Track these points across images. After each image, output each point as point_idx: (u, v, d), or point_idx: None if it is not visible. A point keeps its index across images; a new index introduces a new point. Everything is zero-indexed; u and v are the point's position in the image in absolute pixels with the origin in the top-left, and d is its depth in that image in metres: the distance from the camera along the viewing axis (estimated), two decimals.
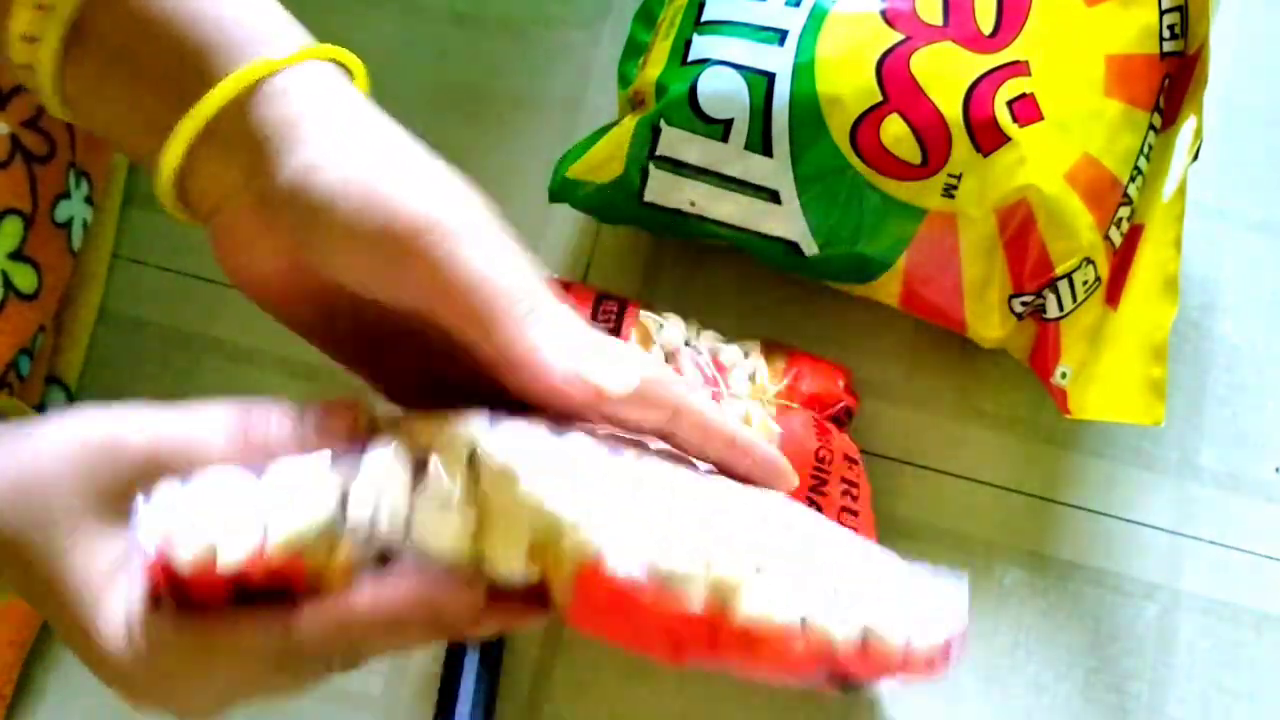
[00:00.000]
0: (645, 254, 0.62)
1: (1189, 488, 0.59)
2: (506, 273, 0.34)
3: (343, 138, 0.36)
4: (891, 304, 0.57)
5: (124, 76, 0.37)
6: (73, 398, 0.59)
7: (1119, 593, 0.57)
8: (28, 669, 0.56)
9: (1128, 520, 0.58)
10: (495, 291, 0.34)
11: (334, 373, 0.60)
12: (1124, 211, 0.53)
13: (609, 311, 0.54)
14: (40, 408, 0.57)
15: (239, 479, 0.34)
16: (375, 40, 0.65)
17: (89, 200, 0.59)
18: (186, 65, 0.36)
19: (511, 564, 0.34)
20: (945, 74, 0.51)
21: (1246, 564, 0.58)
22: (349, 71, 0.39)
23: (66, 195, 0.57)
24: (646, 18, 0.60)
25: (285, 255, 0.36)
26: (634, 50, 0.59)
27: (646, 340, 0.53)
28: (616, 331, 0.54)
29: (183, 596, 0.34)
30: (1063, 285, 0.52)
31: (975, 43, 0.52)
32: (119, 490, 0.34)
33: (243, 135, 0.36)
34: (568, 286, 0.56)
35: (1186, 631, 0.57)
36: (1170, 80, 0.55)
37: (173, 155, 0.36)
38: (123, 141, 0.39)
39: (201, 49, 0.36)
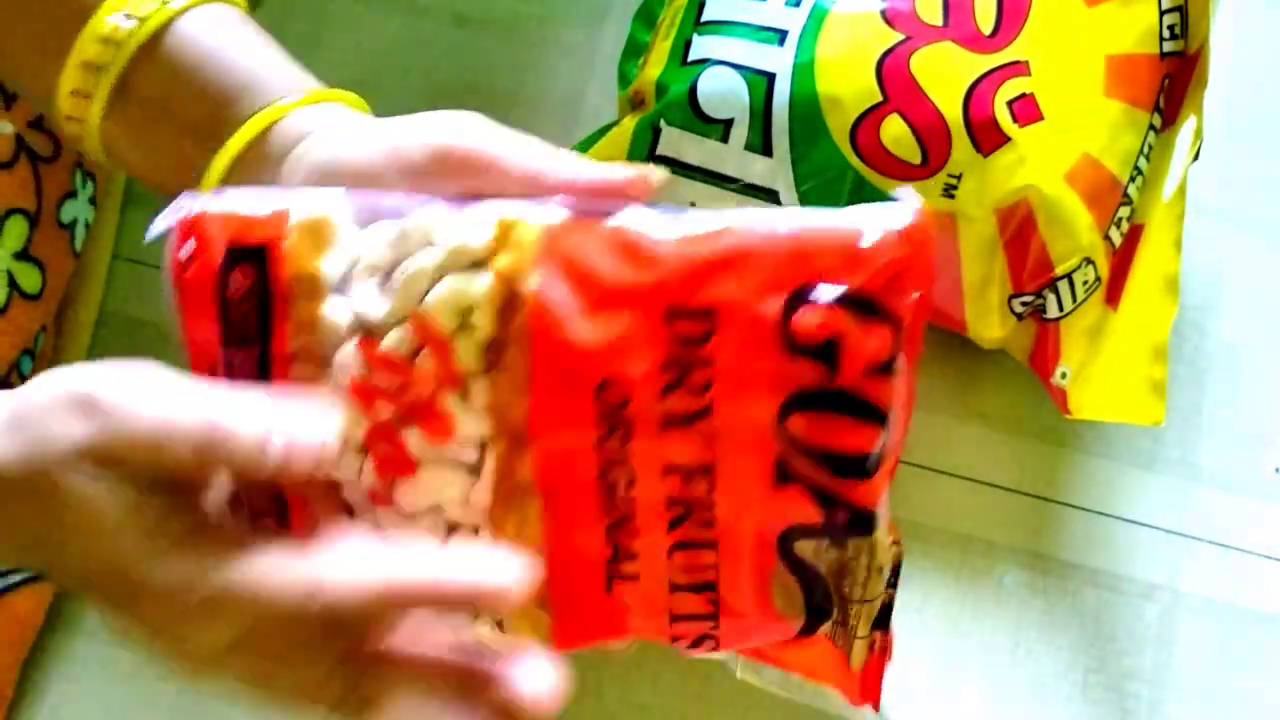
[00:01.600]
0: None
1: (1189, 488, 0.59)
2: (525, 141, 0.38)
3: (355, 133, 0.40)
4: None
5: (163, 125, 0.42)
6: None
7: (1119, 593, 0.57)
8: (28, 669, 0.56)
9: (1128, 520, 0.58)
10: (531, 148, 0.38)
11: None
12: (1124, 211, 0.53)
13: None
14: None
15: None
16: (376, 40, 0.65)
17: (93, 201, 0.59)
18: (218, 112, 0.41)
19: None
20: (945, 74, 0.51)
21: (1246, 564, 0.58)
22: (351, 107, 0.44)
23: (73, 195, 0.57)
24: (646, 18, 0.60)
25: None
26: (634, 50, 0.59)
27: None
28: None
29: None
30: (1063, 285, 0.52)
31: (975, 43, 0.52)
32: None
33: (265, 159, 0.41)
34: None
35: (1186, 631, 0.57)
36: (1170, 80, 0.55)
37: (208, 188, 0.41)
38: (158, 180, 0.43)
39: (229, 97, 0.41)
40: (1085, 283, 0.52)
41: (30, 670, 0.56)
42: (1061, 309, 0.53)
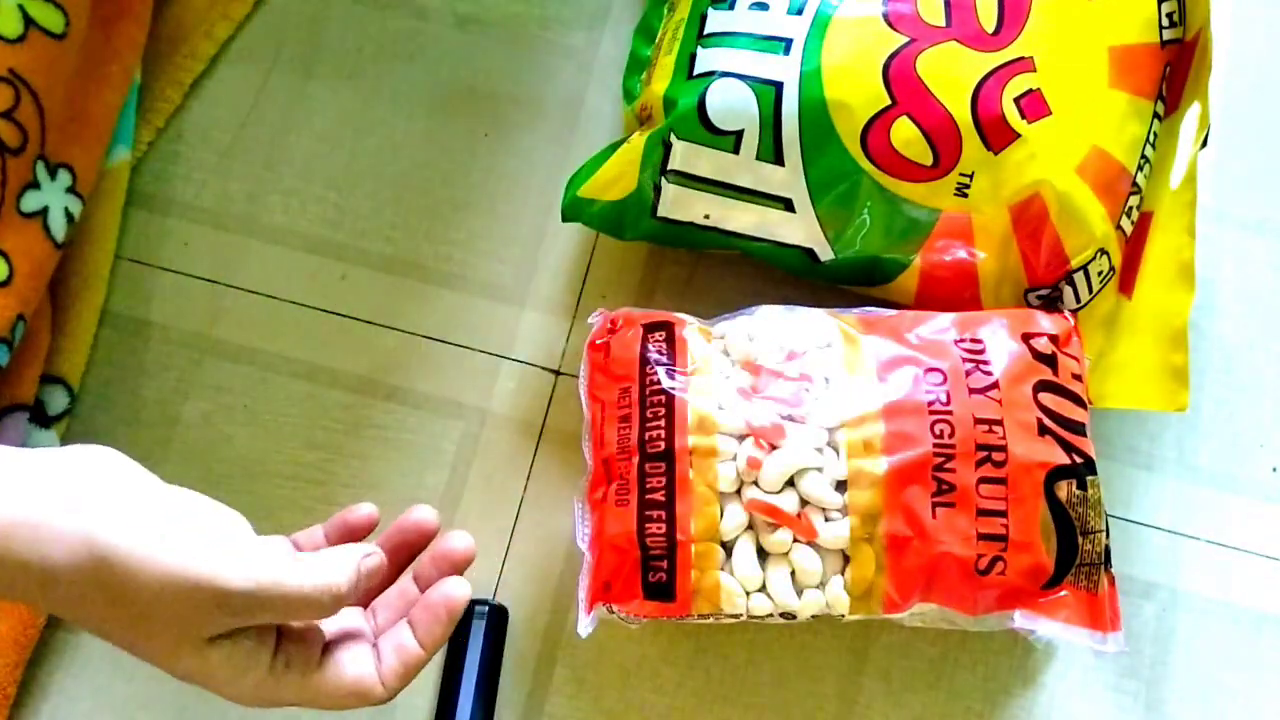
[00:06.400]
0: (644, 256, 0.61)
1: (1187, 487, 0.59)
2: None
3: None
4: (907, 303, 0.56)
5: None
6: (75, 397, 0.58)
7: (1118, 592, 0.57)
8: (31, 668, 0.55)
9: (1127, 520, 0.58)
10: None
11: (333, 373, 0.60)
12: (1133, 200, 0.54)
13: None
14: (39, 405, 0.57)
15: None
16: (376, 41, 0.65)
17: (73, 191, 0.58)
18: None
19: None
20: (952, 74, 0.51)
21: (1245, 564, 0.58)
22: None
23: (35, 185, 0.56)
24: (646, 32, 0.60)
25: None
26: (636, 65, 0.59)
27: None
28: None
29: None
30: (1079, 277, 0.52)
31: (979, 41, 0.52)
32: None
33: None
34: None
35: (1185, 631, 0.57)
36: (1171, 68, 0.55)
37: None
38: None
39: None
40: (1100, 273, 0.53)
41: (33, 668, 0.56)
42: (1079, 301, 0.53)
